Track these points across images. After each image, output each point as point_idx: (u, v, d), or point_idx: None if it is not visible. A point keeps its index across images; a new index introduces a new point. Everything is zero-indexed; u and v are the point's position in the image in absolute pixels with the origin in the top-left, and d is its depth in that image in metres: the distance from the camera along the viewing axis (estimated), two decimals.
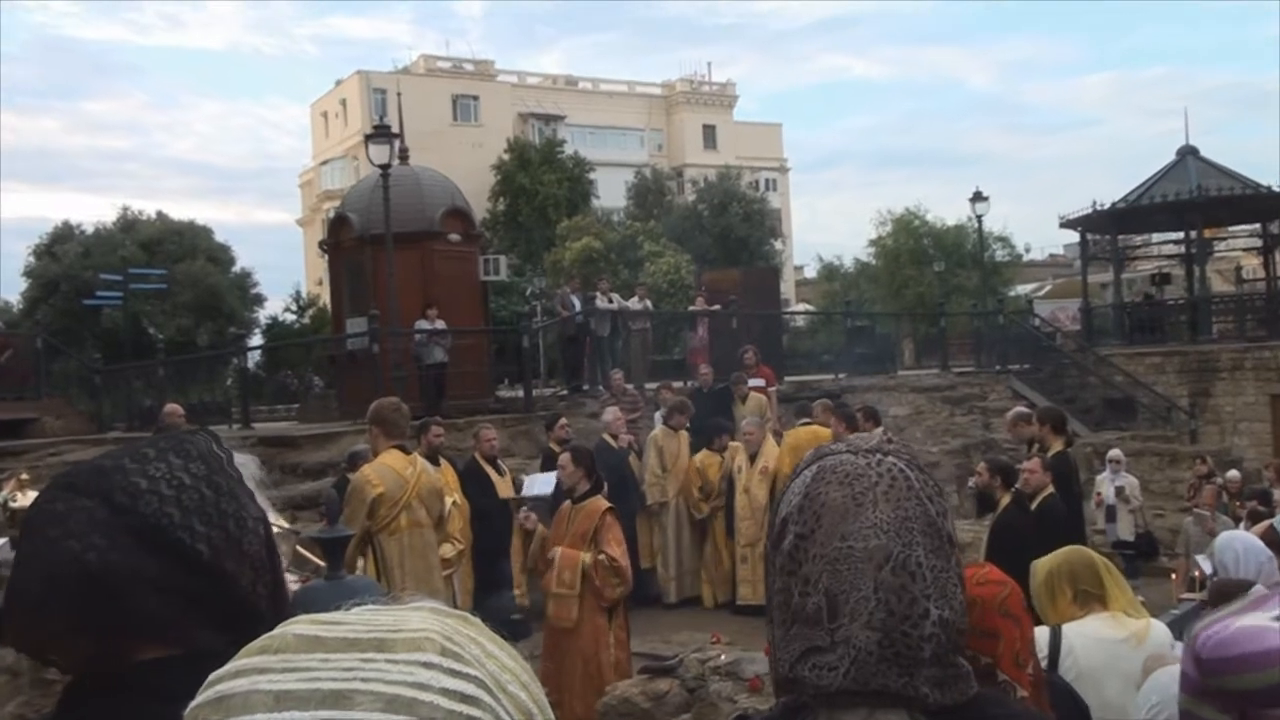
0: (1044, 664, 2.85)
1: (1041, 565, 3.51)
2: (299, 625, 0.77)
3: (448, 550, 6.89)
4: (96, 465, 1.18)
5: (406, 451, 6.19)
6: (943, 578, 1.16)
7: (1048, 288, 42.93)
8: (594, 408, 14.21)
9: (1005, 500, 6.91)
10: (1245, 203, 22.10)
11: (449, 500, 7.25)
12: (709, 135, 59.02)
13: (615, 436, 10.95)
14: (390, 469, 6.02)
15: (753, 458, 10.61)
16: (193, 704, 0.74)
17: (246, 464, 1.35)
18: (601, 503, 6.66)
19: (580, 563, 6.50)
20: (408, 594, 0.84)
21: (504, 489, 9.61)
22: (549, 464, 9.96)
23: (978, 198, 24.22)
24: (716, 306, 17.77)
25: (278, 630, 0.77)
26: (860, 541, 1.14)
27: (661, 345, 19.40)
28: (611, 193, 47.87)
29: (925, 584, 1.14)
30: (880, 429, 10.21)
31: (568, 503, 6.77)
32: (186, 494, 1.16)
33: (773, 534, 1.23)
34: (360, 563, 5.92)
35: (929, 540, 1.16)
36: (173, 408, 9.71)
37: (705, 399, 12.40)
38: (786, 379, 18.12)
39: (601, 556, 6.47)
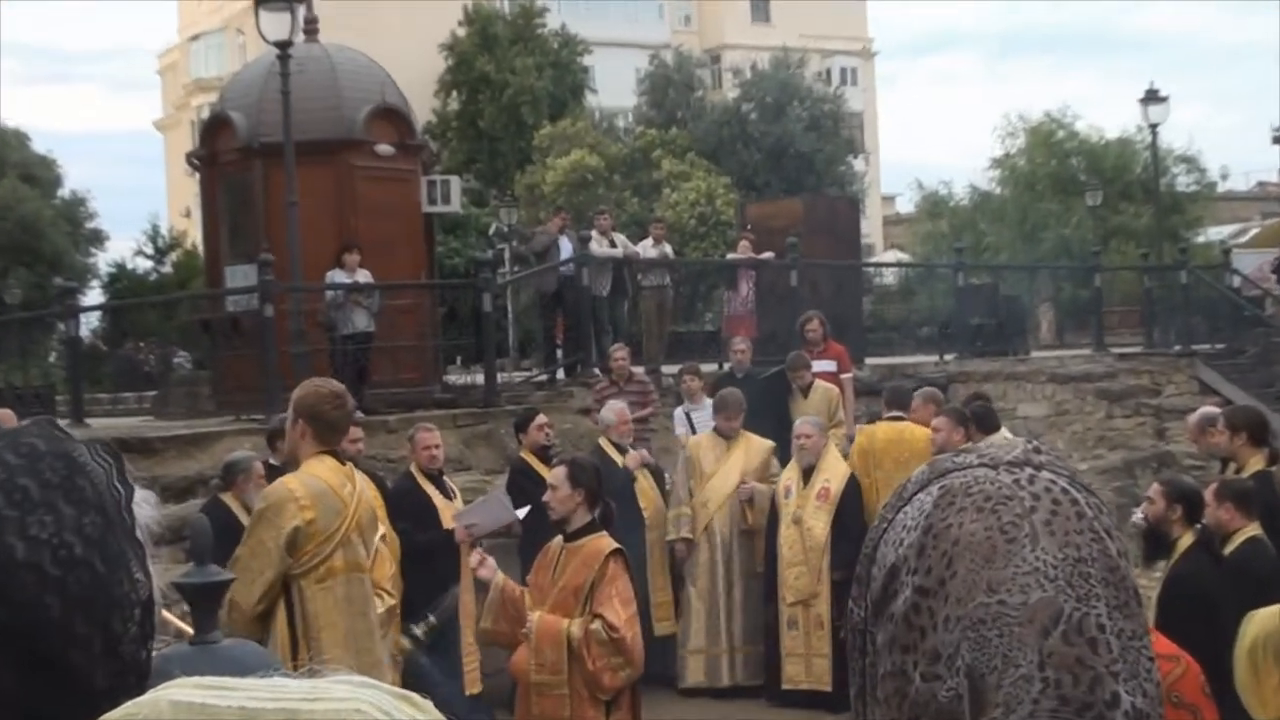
0: None
1: (1247, 633, 3.49)
2: (178, 690, 0.80)
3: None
4: None
5: (341, 461, 6.20)
6: (1133, 647, 1.17)
7: (1253, 231, 42.88)
8: (586, 400, 14.25)
9: (1186, 541, 6.90)
10: None
11: (385, 533, 7.27)
12: (758, 3, 58.99)
13: (618, 445, 10.98)
14: (324, 485, 5.99)
15: (807, 474, 10.66)
16: None
17: (141, 504, 1.46)
18: (605, 543, 6.71)
19: (565, 635, 6.54)
20: (331, 666, 0.87)
21: (451, 518, 9.63)
22: (520, 484, 9.99)
23: (1151, 98, 24.16)
24: (767, 254, 17.83)
25: (148, 696, 0.80)
26: (1016, 595, 1.15)
27: (686, 309, 19.44)
28: (616, 86, 47.93)
29: (1111, 656, 1.15)
30: (1002, 435, 10.22)
31: (556, 541, 6.82)
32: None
33: (870, 590, 1.24)
34: (273, 623, 5.94)
35: (1112, 592, 1.18)
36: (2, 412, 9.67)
37: (745, 389, 12.39)
38: (867, 361, 18.23)
39: (595, 625, 6.51)
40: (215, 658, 2.80)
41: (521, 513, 9.24)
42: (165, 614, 5.50)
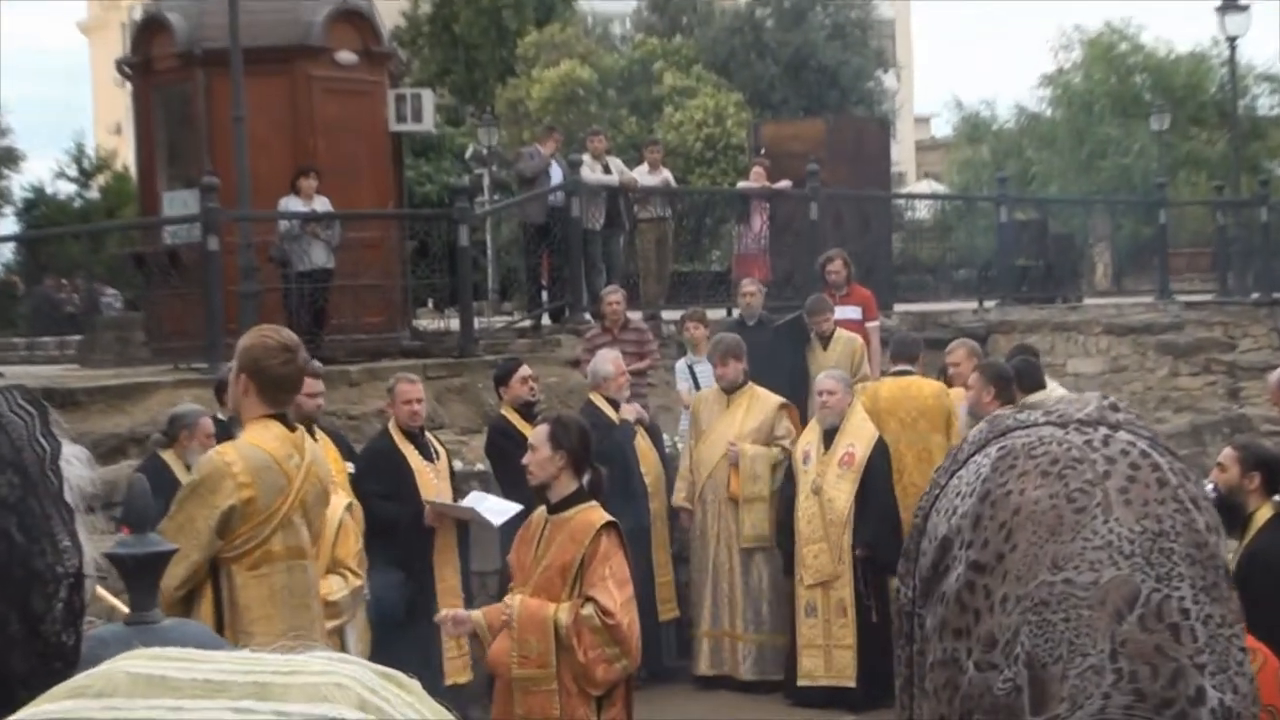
0: None
1: None
2: (134, 661, 0.81)
3: (333, 588, 6.91)
4: None
5: (290, 426, 6.14)
6: (1221, 635, 1.16)
7: None
8: (576, 350, 14.27)
9: (1265, 514, 6.92)
10: None
11: (339, 504, 7.25)
12: None
13: (613, 400, 11.01)
14: (266, 457, 5.94)
15: (829, 437, 10.69)
16: None
17: (70, 462, 1.42)
18: (596, 515, 6.71)
19: (552, 621, 6.57)
20: (305, 642, 0.90)
21: (434, 485, 9.70)
22: (500, 446, 10.05)
23: (1230, 7, 24.06)
24: (784, 183, 17.85)
25: (102, 668, 0.81)
26: (1085, 573, 1.14)
27: (690, 246, 19.42)
28: None
29: (1196, 645, 1.15)
30: (1054, 394, 10.21)
31: (539, 512, 6.85)
32: None
33: (919, 566, 1.24)
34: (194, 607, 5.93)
35: (1198, 572, 1.17)
36: None
37: (756, 339, 12.41)
38: (897, 308, 18.25)
39: (587, 610, 6.53)
40: (155, 640, 2.81)
41: (504, 516, 9.24)
42: (99, 590, 5.50)
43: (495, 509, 9.37)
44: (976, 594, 1.17)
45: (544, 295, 17.10)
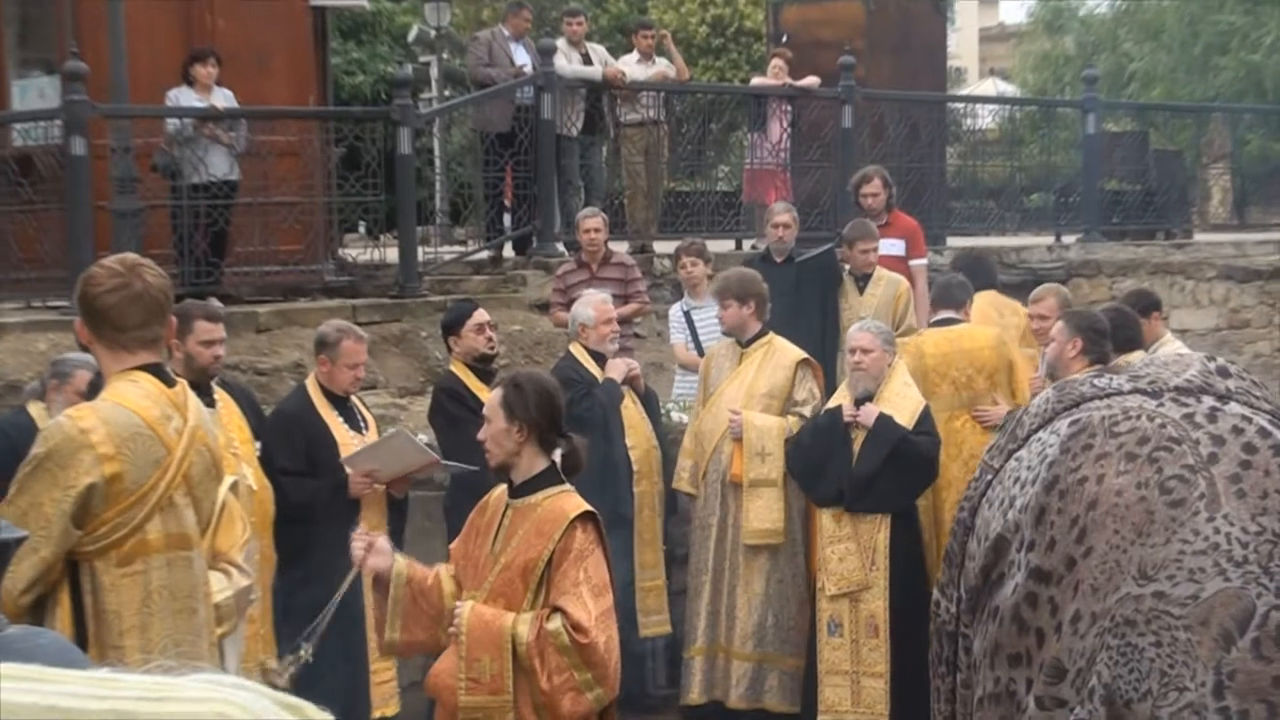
0: None
1: None
2: None
3: (217, 588, 6.89)
4: None
5: (168, 381, 6.09)
6: None
7: None
8: (545, 290, 14.30)
9: None
10: None
11: (237, 480, 7.25)
12: None
13: (594, 351, 11.01)
14: (135, 420, 5.88)
15: (860, 405, 10.65)
16: None
17: None
18: (570, 502, 6.77)
19: (509, 636, 6.58)
20: (192, 664, 0.88)
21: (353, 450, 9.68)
22: (449, 412, 10.09)
23: None
24: (810, 80, 17.82)
25: None
26: (1183, 584, 1.16)
27: (691, 160, 19.38)
28: None
29: None
30: (1165, 349, 10.22)
31: (498, 493, 6.92)
32: None
33: (965, 574, 1.22)
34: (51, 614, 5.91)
35: None
36: None
37: (785, 281, 12.39)
38: (950, 242, 18.32)
39: (554, 624, 6.55)
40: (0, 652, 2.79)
41: (454, 464, 9.27)
42: None
43: (421, 446, 9.42)
44: (1040, 610, 1.16)
45: (506, 220, 17.09)
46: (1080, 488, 1.14)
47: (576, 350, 11.02)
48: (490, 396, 6.97)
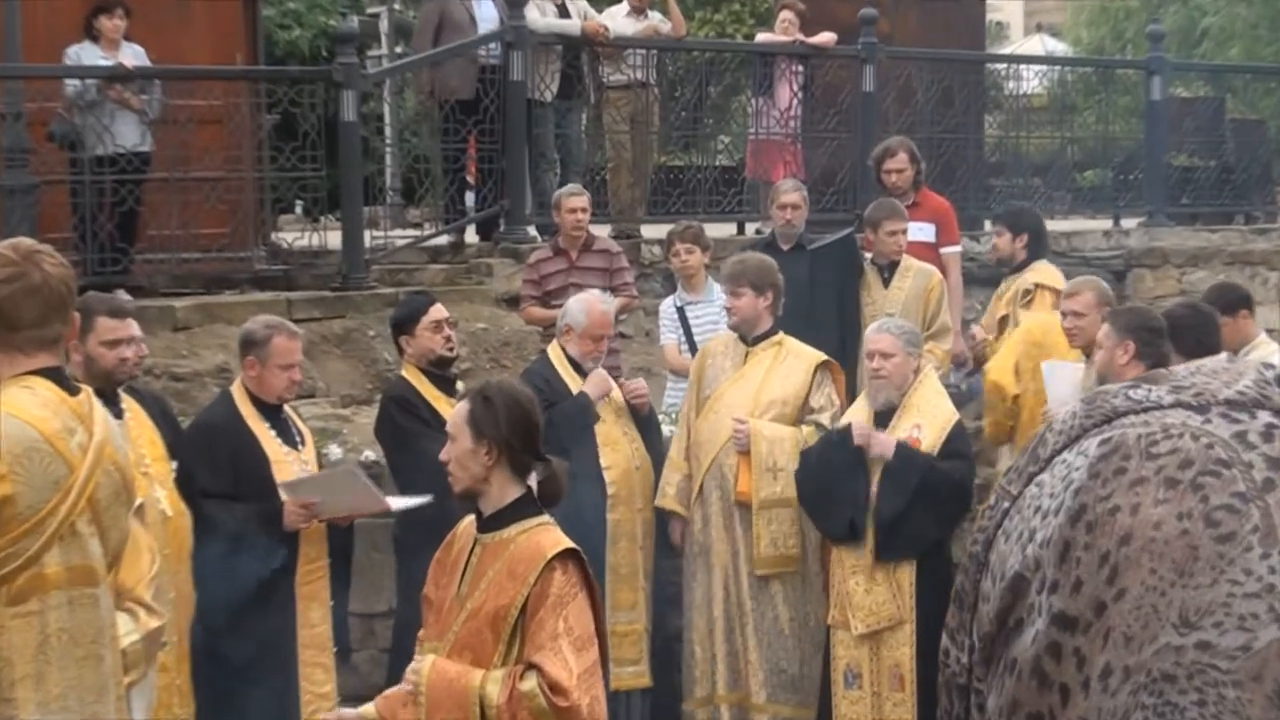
0: None
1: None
2: None
3: (124, 630, 6.90)
4: None
5: (70, 388, 6.09)
6: None
7: None
8: (515, 281, 14.40)
9: None
10: None
11: (142, 503, 7.24)
12: None
13: (576, 361, 11.02)
14: (31, 434, 5.90)
15: (884, 420, 10.65)
16: None
17: None
18: (548, 538, 6.83)
19: (477, 697, 6.59)
20: None
21: (288, 469, 9.69)
22: (400, 427, 10.13)
23: None
24: (825, 36, 17.95)
25: None
26: (1232, 634, 1.15)
27: (687, 128, 19.47)
28: None
29: None
30: (1257, 353, 10.37)
31: (466, 525, 6.97)
32: None
33: (977, 618, 1.27)
34: None
35: None
36: None
37: (793, 271, 12.40)
38: (988, 226, 18.24)
39: (529, 684, 6.56)
40: None
41: (404, 502, 9.26)
42: None
43: (374, 490, 9.46)
44: (1064, 661, 1.17)
45: (469, 199, 17.22)
46: (1112, 519, 1.15)
47: (554, 354, 11.10)
48: (455, 411, 7.06)
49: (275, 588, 9.40)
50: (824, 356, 11.24)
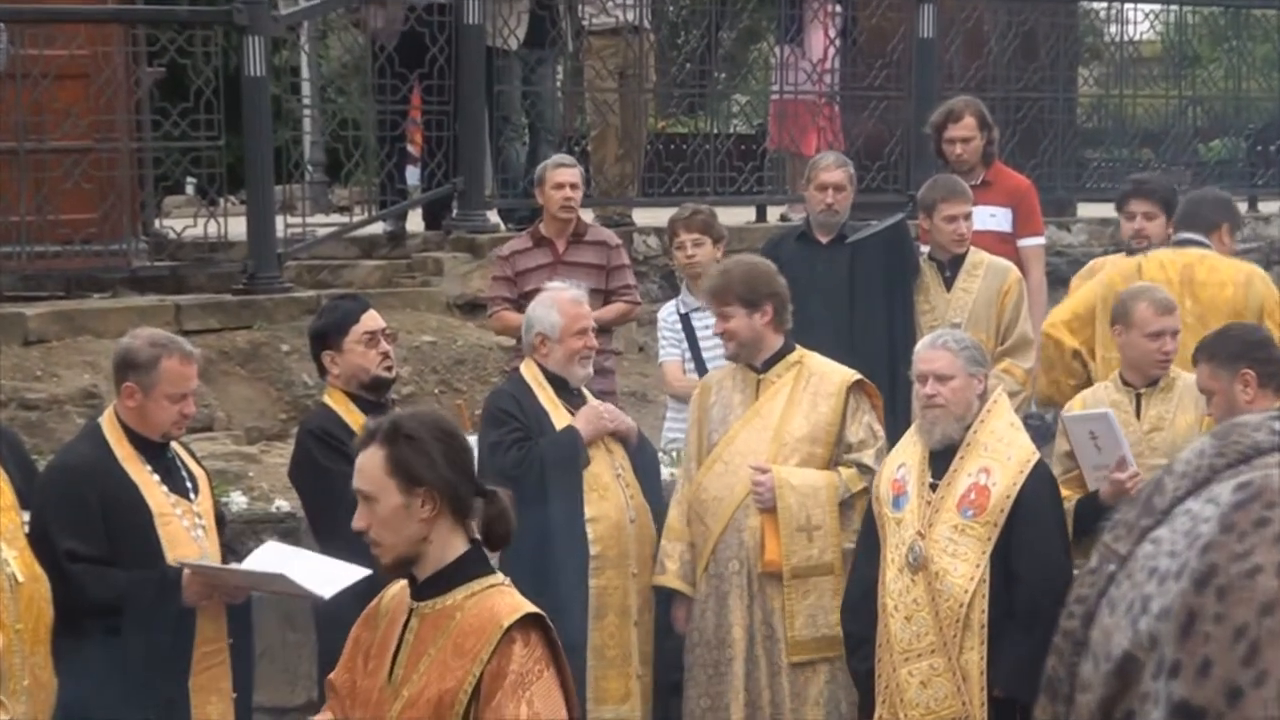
0: None
1: None
2: None
3: None
4: None
5: None
6: None
7: None
8: (473, 280, 14.40)
9: None
10: None
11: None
12: None
13: (555, 376, 11.08)
14: None
15: (942, 460, 10.53)
16: None
17: None
18: (504, 600, 6.89)
19: None
20: None
21: (188, 539, 9.68)
22: (324, 464, 10.14)
23: None
24: None
25: None
26: None
27: (693, 85, 19.45)
28: None
29: None
30: None
31: (395, 591, 7.02)
32: None
33: (1075, 708, 1.33)
34: None
35: None
36: None
37: (830, 267, 12.40)
38: (1082, 212, 18.70)
39: None
40: None
41: (341, 584, 9.22)
42: None
43: (317, 572, 9.36)
44: None
45: (411, 175, 17.13)
46: (1250, 582, 1.11)
47: (529, 373, 11.09)
48: (362, 464, 6.90)
49: (162, 676, 9.38)
50: (856, 375, 11.09)
